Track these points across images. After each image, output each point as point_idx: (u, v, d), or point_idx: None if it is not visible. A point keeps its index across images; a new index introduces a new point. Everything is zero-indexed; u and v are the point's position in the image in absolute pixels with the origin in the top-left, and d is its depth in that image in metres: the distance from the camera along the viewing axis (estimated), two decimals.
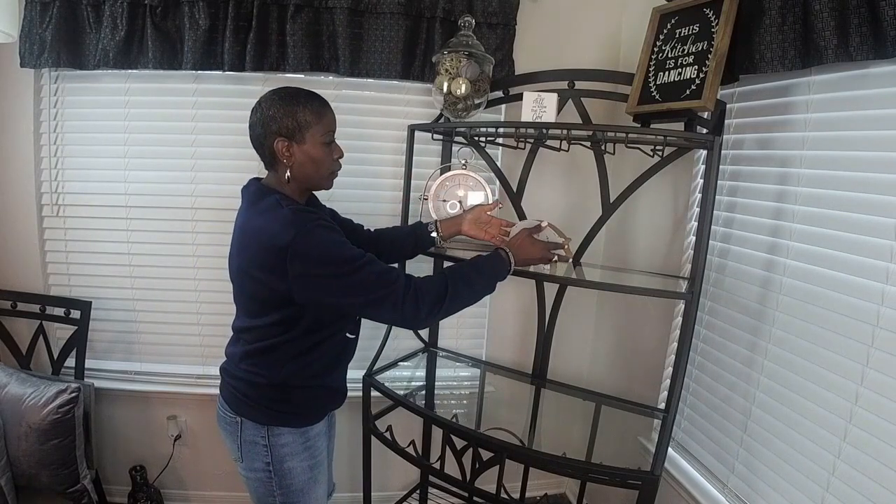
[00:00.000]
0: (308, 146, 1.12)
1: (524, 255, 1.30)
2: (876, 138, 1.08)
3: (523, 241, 1.32)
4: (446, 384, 1.90)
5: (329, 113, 1.15)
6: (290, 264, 1.02)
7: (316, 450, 1.25)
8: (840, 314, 1.13)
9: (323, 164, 1.15)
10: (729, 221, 1.46)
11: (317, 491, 1.26)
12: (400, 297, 1.07)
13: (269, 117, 1.10)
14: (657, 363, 1.72)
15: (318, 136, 1.12)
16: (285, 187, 1.15)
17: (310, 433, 1.23)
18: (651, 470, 1.26)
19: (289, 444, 1.19)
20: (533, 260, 1.33)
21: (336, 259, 1.04)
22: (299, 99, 1.11)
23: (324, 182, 1.19)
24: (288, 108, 1.09)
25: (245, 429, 1.18)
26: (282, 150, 1.11)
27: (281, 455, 1.18)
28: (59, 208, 1.84)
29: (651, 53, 1.42)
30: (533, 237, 1.35)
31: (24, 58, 1.66)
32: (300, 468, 1.21)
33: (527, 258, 1.31)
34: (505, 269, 1.26)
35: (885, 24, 0.96)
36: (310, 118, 1.11)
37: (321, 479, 1.28)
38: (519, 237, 1.34)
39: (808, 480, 1.18)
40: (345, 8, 1.67)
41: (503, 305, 2.04)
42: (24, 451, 1.56)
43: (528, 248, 1.31)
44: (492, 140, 1.67)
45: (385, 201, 1.91)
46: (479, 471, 1.41)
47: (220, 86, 1.79)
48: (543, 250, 1.34)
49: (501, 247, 1.29)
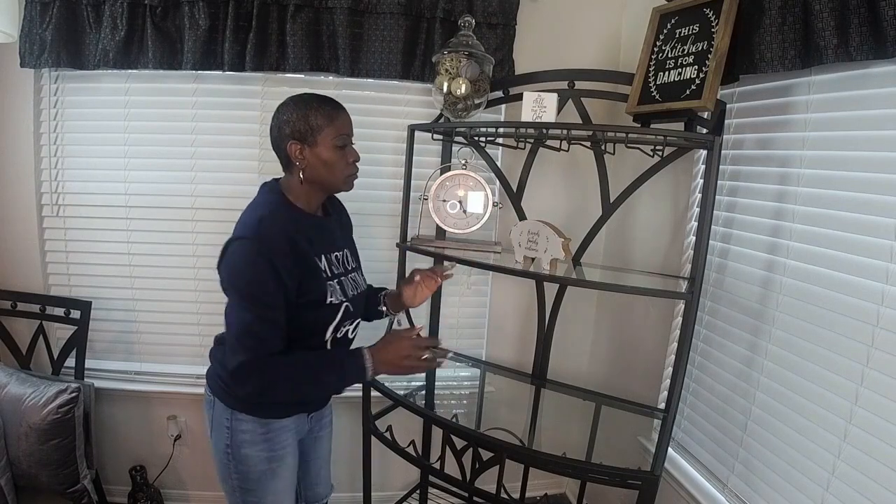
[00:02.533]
0: (320, 149, 1.14)
1: (387, 367, 1.13)
2: (876, 138, 1.08)
3: (393, 346, 1.13)
4: (446, 384, 1.91)
5: (342, 117, 1.17)
6: (222, 258, 1.10)
7: (277, 443, 1.23)
8: (840, 314, 1.13)
9: (336, 167, 1.16)
10: (729, 221, 1.46)
11: (275, 484, 1.24)
12: (245, 365, 1.06)
13: (284, 121, 1.14)
14: (657, 363, 1.72)
15: (330, 139, 1.14)
16: (298, 189, 1.18)
17: (272, 426, 1.22)
18: (651, 470, 1.26)
19: (248, 432, 1.20)
20: (397, 371, 1.15)
21: (240, 284, 1.07)
22: (312, 103, 1.14)
23: (339, 185, 1.21)
24: (301, 112, 1.13)
25: (216, 408, 1.23)
26: (295, 153, 1.14)
27: (240, 440, 1.20)
28: (59, 208, 1.84)
29: (651, 53, 1.42)
30: (408, 342, 1.13)
31: (24, 58, 1.66)
32: (257, 458, 1.21)
33: (389, 368, 1.13)
34: (360, 376, 1.12)
35: (885, 24, 0.96)
36: (321, 121, 1.13)
37: (282, 473, 1.25)
38: (393, 340, 1.14)
39: (808, 480, 1.18)
40: (345, 8, 1.67)
41: (503, 305, 2.05)
42: (24, 451, 1.56)
43: (394, 357, 1.12)
44: (492, 140, 1.67)
45: (385, 201, 1.92)
46: (479, 471, 1.41)
47: (220, 86, 1.79)
48: (411, 362, 1.13)
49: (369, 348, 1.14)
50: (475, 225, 1.65)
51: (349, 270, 1.28)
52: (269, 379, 1.07)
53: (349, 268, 1.29)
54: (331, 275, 1.19)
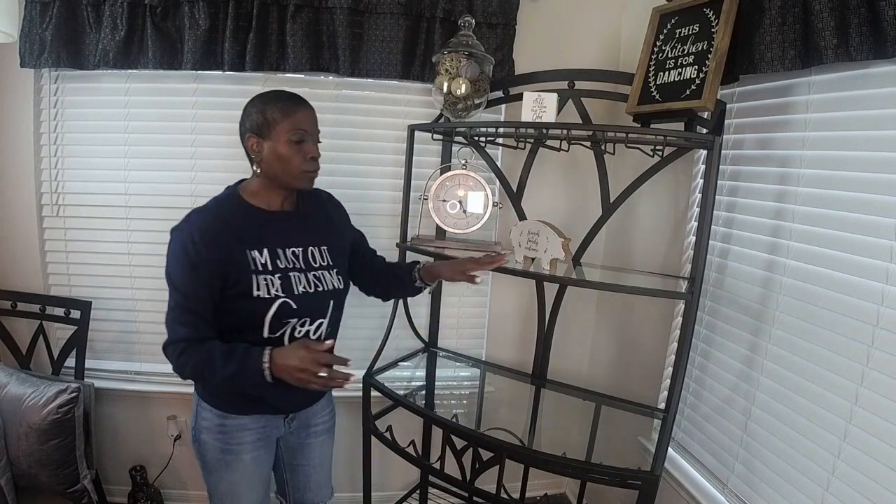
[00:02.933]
0: (274, 143, 1.15)
1: (283, 373, 1.08)
2: (876, 138, 1.08)
3: (293, 355, 1.08)
4: (446, 384, 1.90)
5: (300, 112, 1.17)
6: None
7: (232, 439, 1.25)
8: (840, 314, 1.13)
9: (290, 162, 1.16)
10: (729, 221, 1.46)
11: (229, 475, 1.27)
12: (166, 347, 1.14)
13: (245, 115, 1.20)
14: (657, 363, 1.72)
15: (285, 133, 1.15)
16: (256, 185, 1.22)
17: (228, 420, 1.25)
18: (651, 470, 1.26)
19: (207, 420, 1.26)
20: (292, 381, 1.08)
21: (168, 272, 1.14)
22: (271, 98, 1.18)
23: (293, 181, 1.20)
24: (260, 106, 1.17)
25: (196, 391, 1.30)
26: (252, 147, 1.18)
27: (200, 426, 1.27)
28: (59, 208, 1.84)
29: (651, 53, 1.42)
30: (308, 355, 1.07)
31: (24, 58, 1.66)
32: (213, 447, 1.26)
33: (285, 376, 1.08)
34: (256, 376, 1.08)
35: (885, 24, 0.96)
36: (277, 116, 1.15)
37: (237, 467, 1.26)
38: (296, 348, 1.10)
39: (808, 480, 1.18)
40: (345, 8, 1.67)
41: (503, 305, 2.05)
42: (24, 451, 1.56)
43: (291, 366, 1.07)
44: (492, 140, 1.67)
45: (385, 201, 1.91)
46: (479, 471, 1.41)
47: (220, 86, 1.79)
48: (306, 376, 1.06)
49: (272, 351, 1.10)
50: (475, 225, 1.65)
51: (311, 268, 1.24)
52: (182, 362, 1.12)
53: (314, 265, 1.25)
54: (270, 269, 1.17)
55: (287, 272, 1.20)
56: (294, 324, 1.20)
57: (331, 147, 1.87)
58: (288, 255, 1.21)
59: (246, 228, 1.17)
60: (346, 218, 1.43)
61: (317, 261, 1.26)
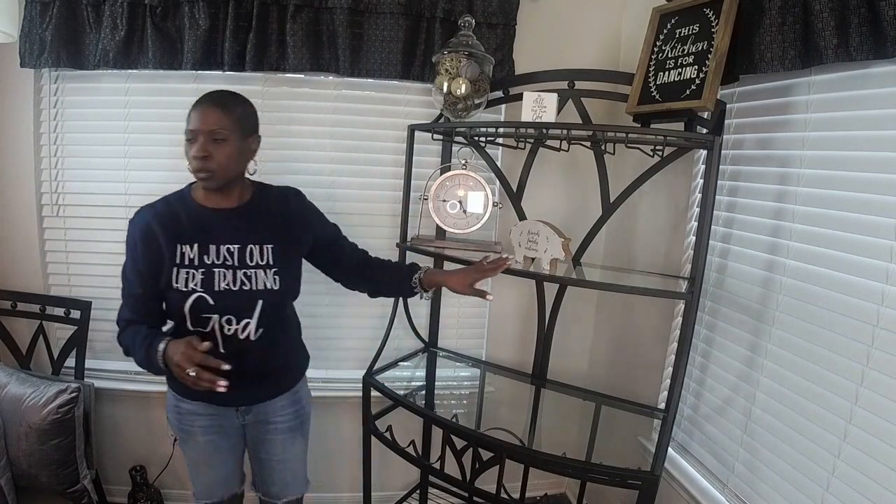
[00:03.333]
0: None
1: (170, 363, 1.12)
2: (876, 138, 1.08)
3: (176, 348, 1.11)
4: (446, 384, 1.90)
5: (193, 112, 1.18)
6: None
7: (184, 421, 1.35)
8: (840, 314, 1.13)
9: (188, 163, 1.20)
10: (729, 221, 1.46)
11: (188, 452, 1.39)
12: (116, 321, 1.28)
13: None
14: (657, 363, 1.72)
15: (186, 133, 1.19)
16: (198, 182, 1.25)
17: (182, 404, 1.34)
18: (651, 470, 1.26)
19: (168, 399, 1.37)
20: (174, 372, 1.11)
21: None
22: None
23: (198, 181, 1.22)
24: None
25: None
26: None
27: (166, 403, 1.38)
28: (59, 208, 1.84)
29: (651, 53, 1.42)
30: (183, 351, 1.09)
31: (24, 58, 1.66)
32: (174, 424, 1.38)
33: (171, 367, 1.12)
34: (153, 363, 1.14)
35: (885, 24, 0.96)
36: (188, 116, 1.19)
37: (192, 446, 1.38)
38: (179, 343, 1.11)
39: (808, 480, 1.18)
40: (345, 8, 1.67)
41: (503, 305, 2.04)
42: (24, 451, 1.56)
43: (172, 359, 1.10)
44: (492, 140, 1.67)
45: (385, 201, 1.91)
46: (479, 471, 1.41)
47: (220, 86, 1.77)
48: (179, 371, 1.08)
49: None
50: (475, 225, 1.65)
51: (244, 266, 1.24)
52: (119, 341, 1.25)
53: (249, 263, 1.24)
54: (196, 264, 1.21)
55: (212, 268, 1.22)
56: (217, 320, 1.22)
57: (331, 147, 1.88)
58: (221, 251, 1.23)
59: (182, 224, 1.23)
60: (313, 217, 1.40)
61: (253, 259, 1.26)
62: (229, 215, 1.26)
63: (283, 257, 1.29)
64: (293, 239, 1.33)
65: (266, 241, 1.28)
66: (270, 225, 1.30)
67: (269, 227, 1.30)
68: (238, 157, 1.21)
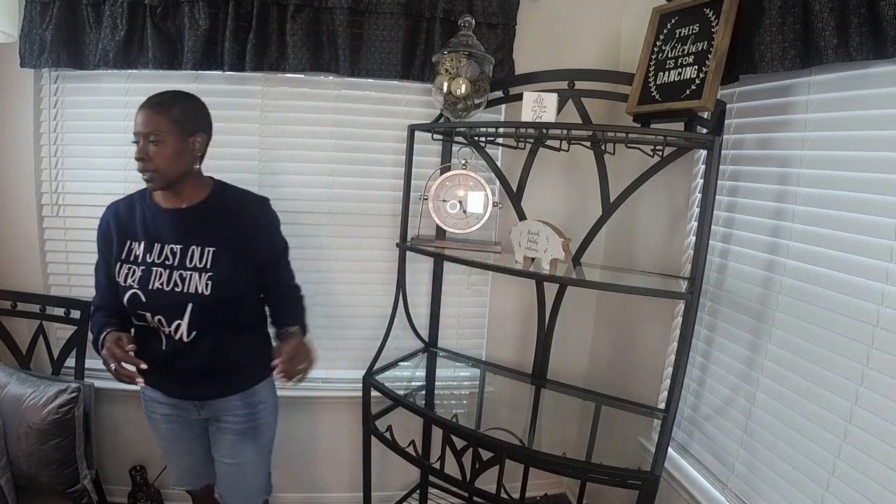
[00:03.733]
0: None
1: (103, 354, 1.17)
2: (876, 138, 1.08)
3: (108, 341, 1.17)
4: (446, 384, 1.90)
5: (136, 114, 1.19)
6: None
7: (149, 408, 1.40)
8: (840, 314, 1.13)
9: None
10: (729, 221, 1.46)
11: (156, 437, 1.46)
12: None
13: None
14: (657, 363, 1.72)
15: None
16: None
17: (147, 391, 1.38)
18: (651, 470, 1.26)
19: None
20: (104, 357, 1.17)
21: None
22: None
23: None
24: None
25: None
26: None
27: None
28: (59, 208, 1.84)
29: (651, 53, 1.42)
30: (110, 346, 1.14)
31: (24, 58, 1.66)
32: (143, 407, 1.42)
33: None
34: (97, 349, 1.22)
35: (885, 24, 0.96)
36: None
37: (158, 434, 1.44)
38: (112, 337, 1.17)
39: (808, 480, 1.18)
40: (345, 8, 1.67)
41: (503, 305, 2.05)
42: (24, 451, 1.56)
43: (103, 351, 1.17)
44: (492, 140, 1.67)
45: (385, 201, 1.91)
46: (479, 471, 1.41)
47: (220, 86, 1.79)
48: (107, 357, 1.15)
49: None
50: (475, 225, 1.65)
51: (182, 266, 1.23)
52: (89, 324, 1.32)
53: (187, 265, 1.23)
54: (139, 260, 1.25)
55: (152, 266, 1.24)
56: (151, 318, 1.24)
57: (331, 147, 1.88)
58: (165, 250, 1.25)
59: (135, 221, 1.27)
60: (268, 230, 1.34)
61: (192, 261, 1.24)
62: (179, 215, 1.26)
63: (224, 263, 1.24)
64: (240, 246, 1.27)
65: (208, 244, 1.25)
66: (217, 228, 1.26)
67: (216, 230, 1.26)
68: (177, 158, 1.20)
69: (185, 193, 1.27)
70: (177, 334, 1.24)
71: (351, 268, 1.96)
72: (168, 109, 1.18)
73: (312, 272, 1.94)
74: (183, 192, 1.27)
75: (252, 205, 1.33)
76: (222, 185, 1.34)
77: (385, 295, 1.90)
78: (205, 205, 1.28)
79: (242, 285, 1.30)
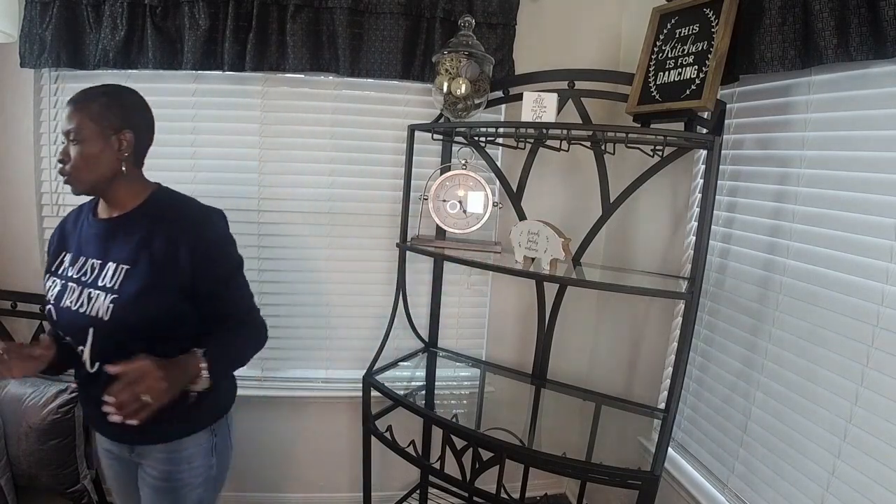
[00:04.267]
0: None
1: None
2: (876, 138, 1.08)
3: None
4: (446, 384, 1.90)
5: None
6: None
7: (97, 441, 1.25)
8: (840, 314, 1.13)
9: None
10: (729, 221, 1.46)
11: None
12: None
13: None
14: (657, 363, 1.72)
15: None
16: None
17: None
18: (651, 470, 1.26)
19: None
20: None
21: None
22: None
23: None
24: None
25: None
26: None
27: None
28: (59, 208, 1.84)
29: (651, 53, 1.42)
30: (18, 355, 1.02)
31: (24, 58, 1.66)
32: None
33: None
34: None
35: (885, 24, 0.96)
36: None
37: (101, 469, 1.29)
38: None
39: (808, 480, 1.18)
40: (345, 8, 1.67)
41: (503, 305, 2.05)
42: (24, 451, 1.56)
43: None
44: (492, 140, 1.67)
45: (385, 201, 1.92)
46: (479, 471, 1.41)
47: (220, 86, 1.79)
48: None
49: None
50: (475, 225, 1.65)
51: (94, 284, 1.07)
52: None
53: (98, 283, 1.06)
54: (63, 273, 1.12)
55: (69, 281, 1.10)
56: (81, 347, 1.08)
57: (331, 147, 1.88)
58: (86, 264, 1.10)
59: (72, 231, 1.17)
60: (210, 250, 1.10)
61: (104, 279, 1.06)
62: (105, 226, 1.11)
63: (133, 284, 1.05)
64: (164, 263, 1.06)
65: (123, 261, 1.06)
66: (142, 241, 1.07)
67: (139, 244, 1.07)
68: (97, 160, 1.04)
69: (117, 201, 1.11)
70: (83, 358, 1.08)
71: (351, 268, 1.96)
72: (88, 105, 1.05)
73: (313, 272, 1.94)
74: (115, 200, 1.11)
75: (193, 215, 1.13)
76: (163, 192, 1.16)
77: (385, 295, 1.90)
78: (133, 214, 1.11)
79: (156, 312, 1.06)
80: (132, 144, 1.09)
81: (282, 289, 1.94)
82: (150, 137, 1.17)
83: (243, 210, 1.85)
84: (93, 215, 1.15)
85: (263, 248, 1.90)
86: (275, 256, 1.91)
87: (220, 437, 1.22)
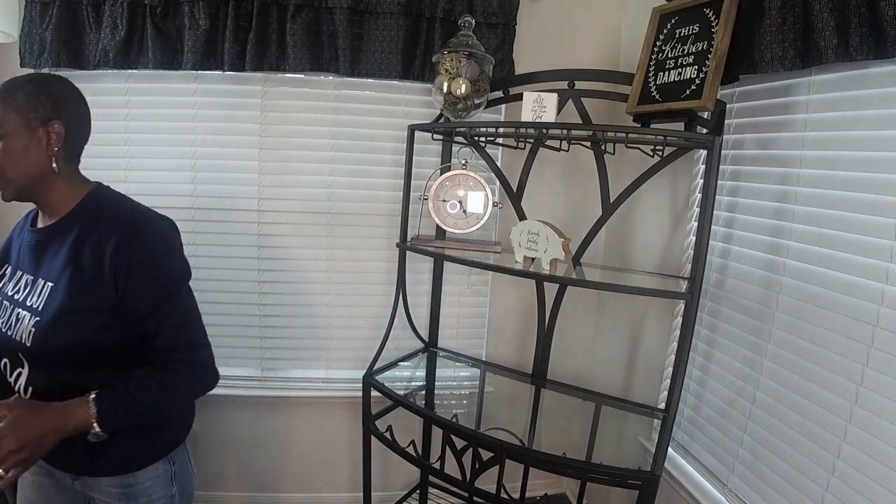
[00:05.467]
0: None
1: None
2: (876, 138, 1.08)
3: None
4: (446, 384, 1.90)
5: None
6: None
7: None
8: (840, 314, 1.13)
9: None
10: (729, 221, 1.46)
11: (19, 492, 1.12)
12: None
13: None
14: (657, 363, 1.72)
15: None
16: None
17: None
18: (651, 470, 1.26)
19: None
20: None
21: None
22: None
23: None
24: None
25: None
26: None
27: None
28: None
29: (651, 53, 1.42)
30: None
31: (24, 58, 1.66)
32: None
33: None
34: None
35: (885, 24, 0.96)
36: None
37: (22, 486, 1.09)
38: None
39: (808, 480, 1.18)
40: (345, 8, 1.67)
41: (503, 305, 2.05)
42: None
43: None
44: (492, 140, 1.67)
45: (385, 201, 1.92)
46: (479, 471, 1.41)
47: (220, 86, 1.79)
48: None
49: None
50: (475, 225, 1.65)
51: (21, 303, 0.96)
52: None
53: (27, 303, 0.95)
54: (2, 291, 1.01)
55: (4, 298, 0.99)
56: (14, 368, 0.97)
57: (331, 147, 1.88)
58: (22, 280, 0.98)
59: (16, 242, 1.05)
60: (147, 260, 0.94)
61: (32, 297, 0.95)
62: (39, 236, 0.99)
63: (55, 304, 0.92)
64: (92, 278, 0.92)
65: (49, 278, 0.94)
66: (68, 255, 0.94)
67: (65, 258, 0.94)
68: (22, 156, 0.91)
69: (50, 205, 0.98)
70: (17, 384, 0.96)
71: (351, 268, 1.96)
72: (12, 95, 0.90)
73: (312, 272, 1.94)
74: (48, 204, 0.98)
75: (130, 222, 0.96)
76: (99, 192, 1.01)
77: (385, 295, 1.90)
78: (64, 221, 0.97)
79: (77, 338, 0.92)
80: (62, 138, 0.94)
81: (281, 289, 1.94)
82: (86, 131, 1.01)
83: (243, 210, 1.85)
84: (31, 224, 1.03)
85: (263, 248, 1.90)
86: (274, 256, 1.91)
87: (180, 465, 1.10)
